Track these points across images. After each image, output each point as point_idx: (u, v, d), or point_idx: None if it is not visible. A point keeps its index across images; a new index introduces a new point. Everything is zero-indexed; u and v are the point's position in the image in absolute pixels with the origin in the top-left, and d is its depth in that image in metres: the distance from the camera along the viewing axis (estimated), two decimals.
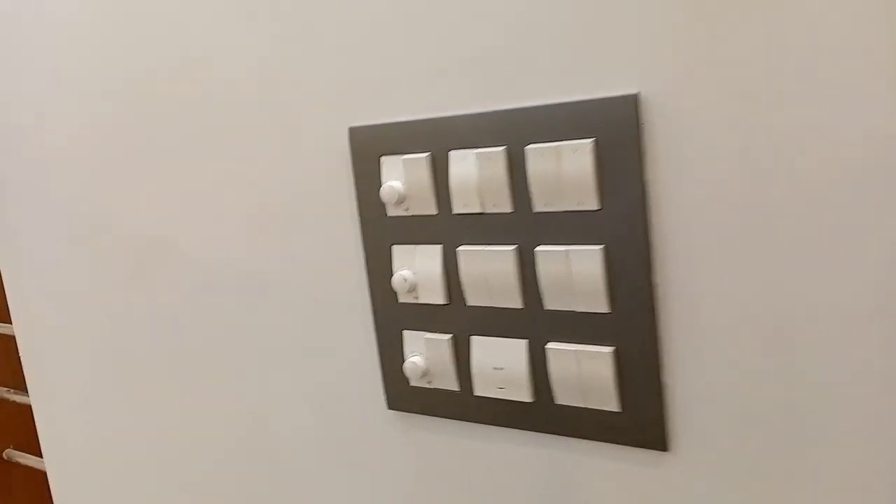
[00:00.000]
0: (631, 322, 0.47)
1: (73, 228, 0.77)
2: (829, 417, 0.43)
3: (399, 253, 0.56)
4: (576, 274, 0.48)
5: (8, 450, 1.57)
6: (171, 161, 0.68)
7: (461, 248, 0.52)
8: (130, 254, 0.73)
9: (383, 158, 0.55)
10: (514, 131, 0.49)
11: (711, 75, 0.42)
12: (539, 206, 0.49)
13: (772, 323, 0.43)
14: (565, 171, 0.47)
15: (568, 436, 0.52)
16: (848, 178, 0.40)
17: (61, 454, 0.88)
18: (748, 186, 0.43)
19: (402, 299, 0.56)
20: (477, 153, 0.50)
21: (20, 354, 0.88)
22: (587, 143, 0.46)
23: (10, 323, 0.89)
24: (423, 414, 0.58)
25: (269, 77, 0.59)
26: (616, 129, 0.45)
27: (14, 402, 1.48)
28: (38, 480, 1.34)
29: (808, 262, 0.42)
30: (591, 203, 0.47)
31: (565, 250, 0.48)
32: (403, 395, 0.58)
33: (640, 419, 0.48)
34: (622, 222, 0.46)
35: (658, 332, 0.47)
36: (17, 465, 1.55)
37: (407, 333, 0.57)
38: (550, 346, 0.50)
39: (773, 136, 0.41)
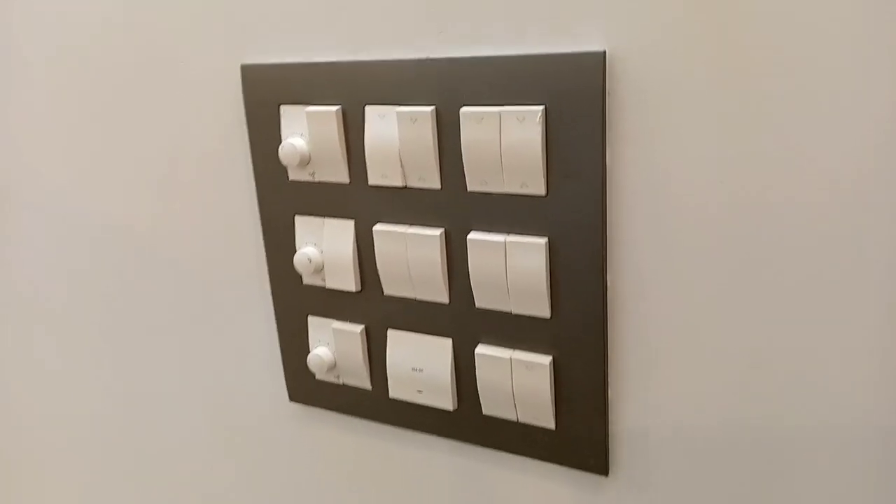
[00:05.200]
0: (575, 330, 0.39)
1: None
2: (788, 446, 0.37)
3: (303, 226, 0.46)
4: (513, 269, 0.39)
5: None
6: (47, 120, 0.55)
7: (378, 226, 0.43)
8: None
9: (283, 108, 0.44)
10: (447, 87, 0.38)
11: (694, 36, 0.33)
12: (474, 184, 0.39)
13: (738, 338, 0.36)
14: (508, 144, 0.37)
15: (494, 448, 0.44)
16: (856, 174, 0.32)
17: None
18: (726, 177, 0.34)
19: (307, 281, 0.47)
20: (399, 111, 0.40)
21: None
22: (536, 111, 0.36)
23: None
24: (329, 409, 0.50)
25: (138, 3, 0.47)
26: (574, 96, 0.36)
27: None
28: None
29: (791, 272, 0.34)
30: (536, 186, 0.38)
31: (502, 240, 0.39)
32: (308, 388, 0.50)
33: (578, 438, 0.41)
34: (573, 212, 0.37)
35: (606, 342, 0.39)
36: None
37: (312, 320, 0.47)
38: (480, 349, 0.42)
39: (761, 115, 0.33)
